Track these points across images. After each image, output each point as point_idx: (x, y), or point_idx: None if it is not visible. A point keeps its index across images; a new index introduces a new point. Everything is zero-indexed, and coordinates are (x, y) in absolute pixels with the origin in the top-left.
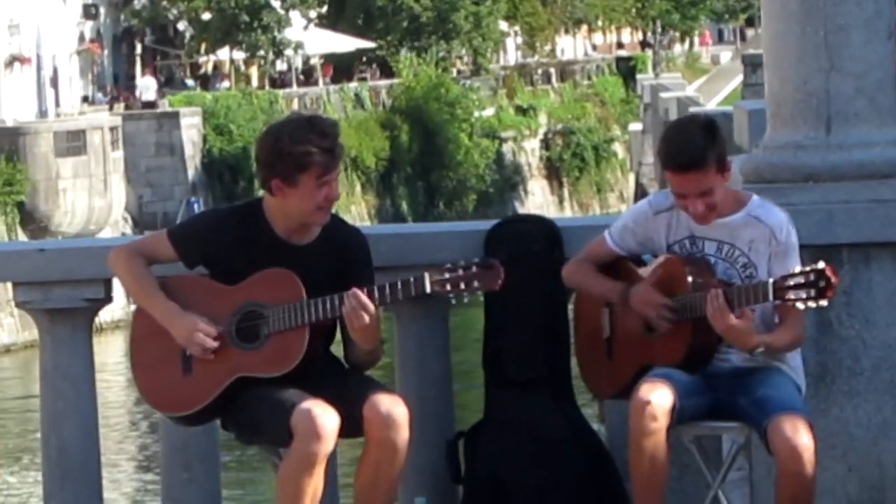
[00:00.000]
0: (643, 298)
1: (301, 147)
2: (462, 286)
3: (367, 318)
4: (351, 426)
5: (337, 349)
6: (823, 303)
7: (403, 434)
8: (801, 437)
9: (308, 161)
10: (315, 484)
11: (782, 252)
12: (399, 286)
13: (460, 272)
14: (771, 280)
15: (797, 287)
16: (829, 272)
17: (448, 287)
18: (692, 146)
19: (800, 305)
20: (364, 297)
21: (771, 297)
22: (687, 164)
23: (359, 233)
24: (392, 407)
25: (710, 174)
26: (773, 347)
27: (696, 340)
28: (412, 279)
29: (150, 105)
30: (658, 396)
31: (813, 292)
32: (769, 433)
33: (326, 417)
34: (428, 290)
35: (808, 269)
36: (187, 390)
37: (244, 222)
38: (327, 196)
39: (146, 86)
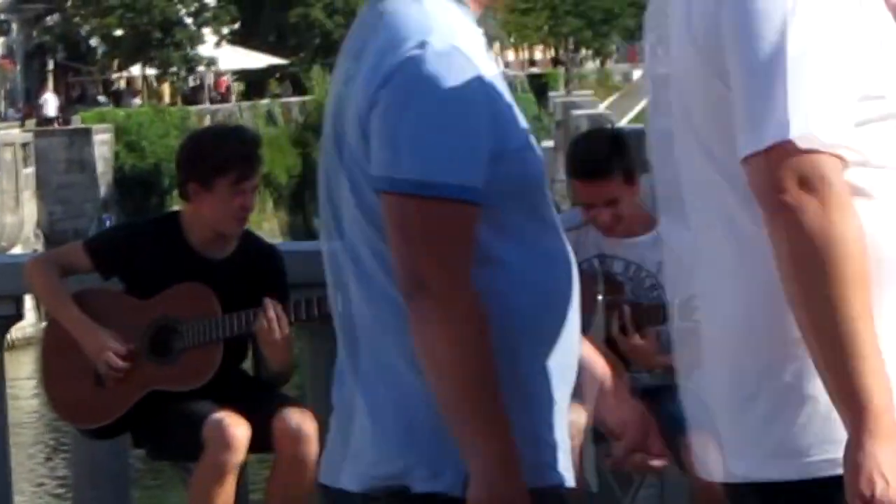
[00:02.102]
0: None
1: (220, 150)
2: None
3: (278, 333)
4: (261, 440)
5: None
6: None
7: (313, 448)
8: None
9: (225, 164)
10: (226, 494)
11: None
12: (314, 303)
13: None
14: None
15: None
16: None
17: None
18: (597, 154)
19: None
20: (279, 310)
21: None
22: (592, 171)
23: (274, 249)
24: (302, 421)
25: (616, 183)
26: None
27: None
28: (318, 298)
29: (50, 121)
30: (573, 414)
31: None
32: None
33: (238, 428)
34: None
35: None
36: (99, 403)
37: (161, 235)
38: (242, 205)
39: (46, 101)
